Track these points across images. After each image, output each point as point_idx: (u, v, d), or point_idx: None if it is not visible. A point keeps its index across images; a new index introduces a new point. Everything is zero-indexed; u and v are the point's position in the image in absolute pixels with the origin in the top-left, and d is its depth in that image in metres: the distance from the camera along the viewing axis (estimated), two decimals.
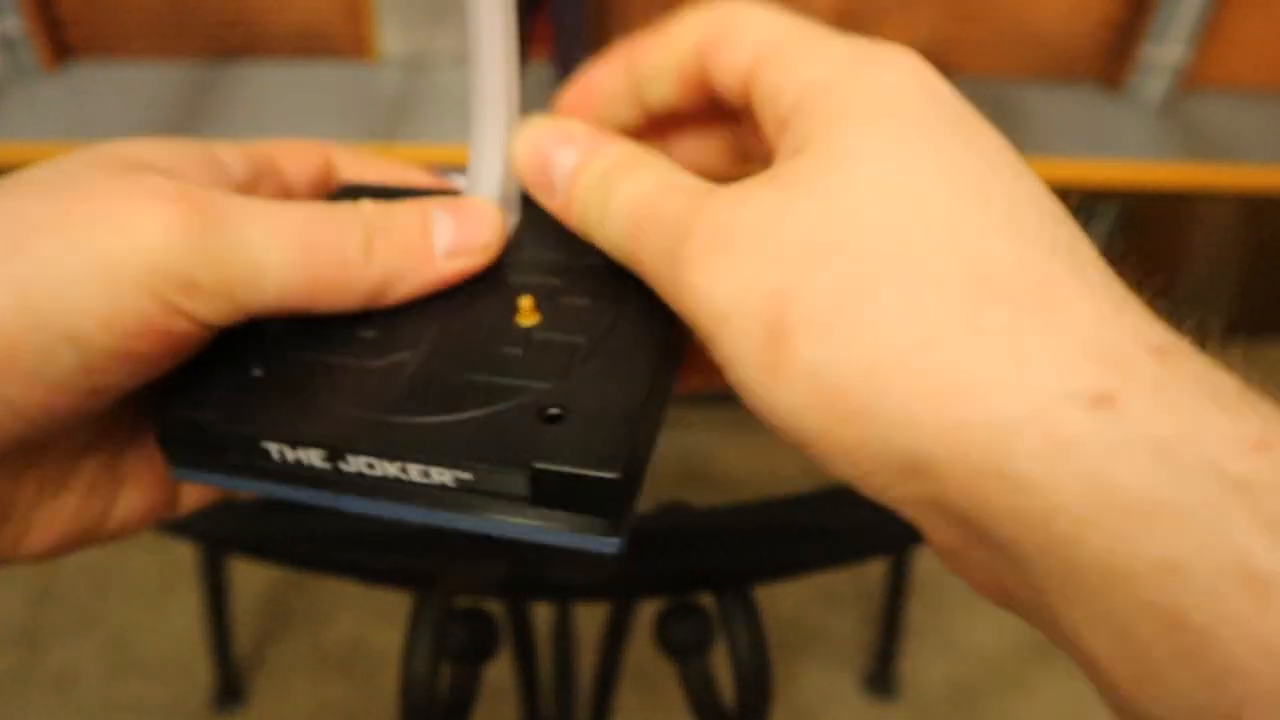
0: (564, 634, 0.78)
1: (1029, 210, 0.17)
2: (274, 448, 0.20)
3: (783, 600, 1.10)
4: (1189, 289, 0.51)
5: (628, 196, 0.20)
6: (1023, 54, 0.74)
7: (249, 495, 0.23)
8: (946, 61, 0.74)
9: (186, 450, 0.21)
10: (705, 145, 0.24)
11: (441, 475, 0.19)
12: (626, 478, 0.19)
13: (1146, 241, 0.60)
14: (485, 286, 0.22)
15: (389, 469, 0.20)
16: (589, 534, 0.19)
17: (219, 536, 0.35)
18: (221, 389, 0.21)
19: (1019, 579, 0.16)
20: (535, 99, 0.21)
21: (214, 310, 0.18)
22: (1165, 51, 0.70)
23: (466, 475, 0.19)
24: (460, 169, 0.57)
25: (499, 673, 0.53)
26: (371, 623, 1.06)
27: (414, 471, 0.19)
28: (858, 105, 0.18)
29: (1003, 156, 0.18)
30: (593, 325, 0.21)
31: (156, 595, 1.07)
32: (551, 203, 0.22)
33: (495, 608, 0.45)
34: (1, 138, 0.59)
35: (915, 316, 0.16)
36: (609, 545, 0.19)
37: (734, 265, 0.17)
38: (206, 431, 0.20)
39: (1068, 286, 0.16)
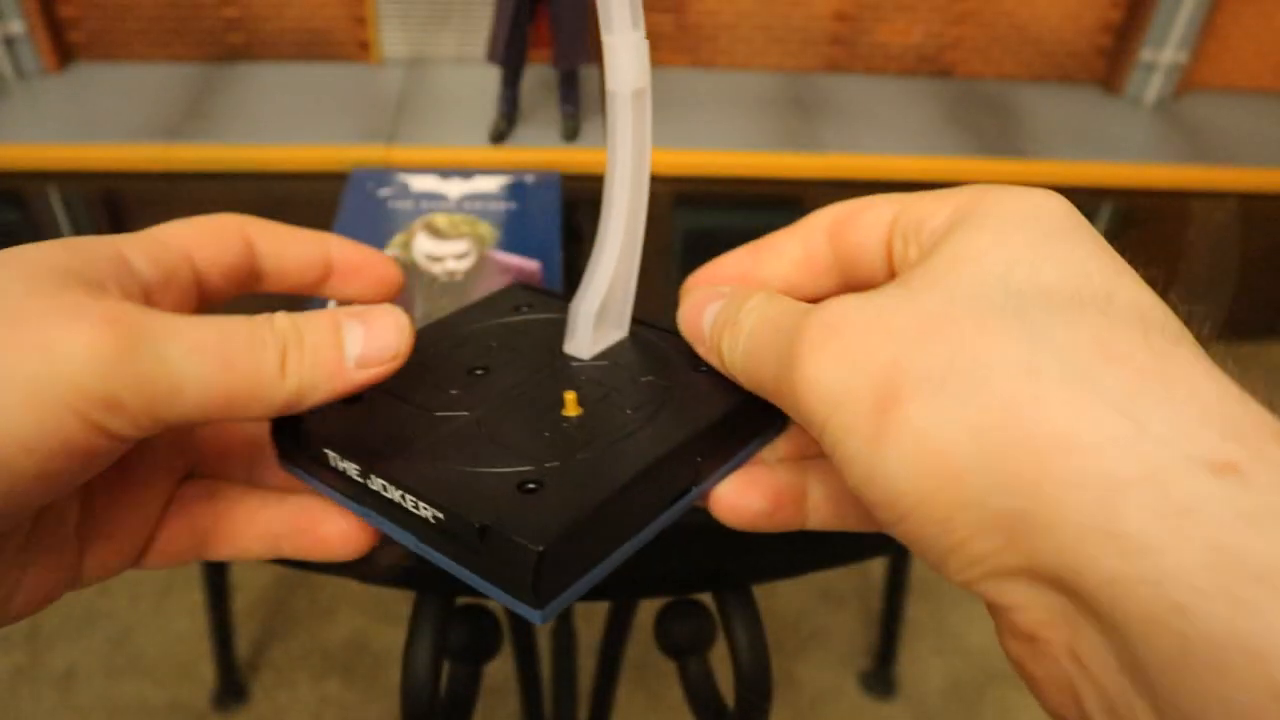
0: (564, 633, 0.78)
1: (1155, 311, 0.17)
2: (331, 455, 0.24)
3: (783, 600, 1.10)
4: (1187, 288, 0.51)
5: (752, 322, 0.22)
6: (1021, 57, 0.75)
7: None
8: (945, 63, 0.74)
9: (285, 446, 0.26)
10: None
11: (425, 510, 0.22)
12: (553, 556, 0.21)
13: (1144, 241, 0.60)
14: (560, 377, 0.26)
15: (394, 494, 0.23)
16: (518, 598, 0.21)
17: None
18: (327, 405, 0.25)
19: (1116, 655, 0.15)
20: (538, 98, 0.22)
21: (134, 426, 0.19)
22: (1162, 55, 0.70)
23: (440, 515, 0.22)
24: (458, 170, 0.57)
25: (499, 672, 0.54)
26: (372, 622, 1.06)
27: (409, 501, 0.23)
28: (992, 217, 0.19)
29: (1130, 272, 0.18)
30: (616, 429, 0.24)
31: (159, 595, 1.07)
32: (701, 349, 0.24)
33: (496, 606, 0.45)
34: (6, 139, 0.59)
35: (1030, 375, 0.16)
36: (534, 615, 0.21)
37: (844, 350, 0.18)
38: (297, 433, 0.25)
39: (1190, 366, 0.16)
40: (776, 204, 0.59)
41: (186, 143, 0.58)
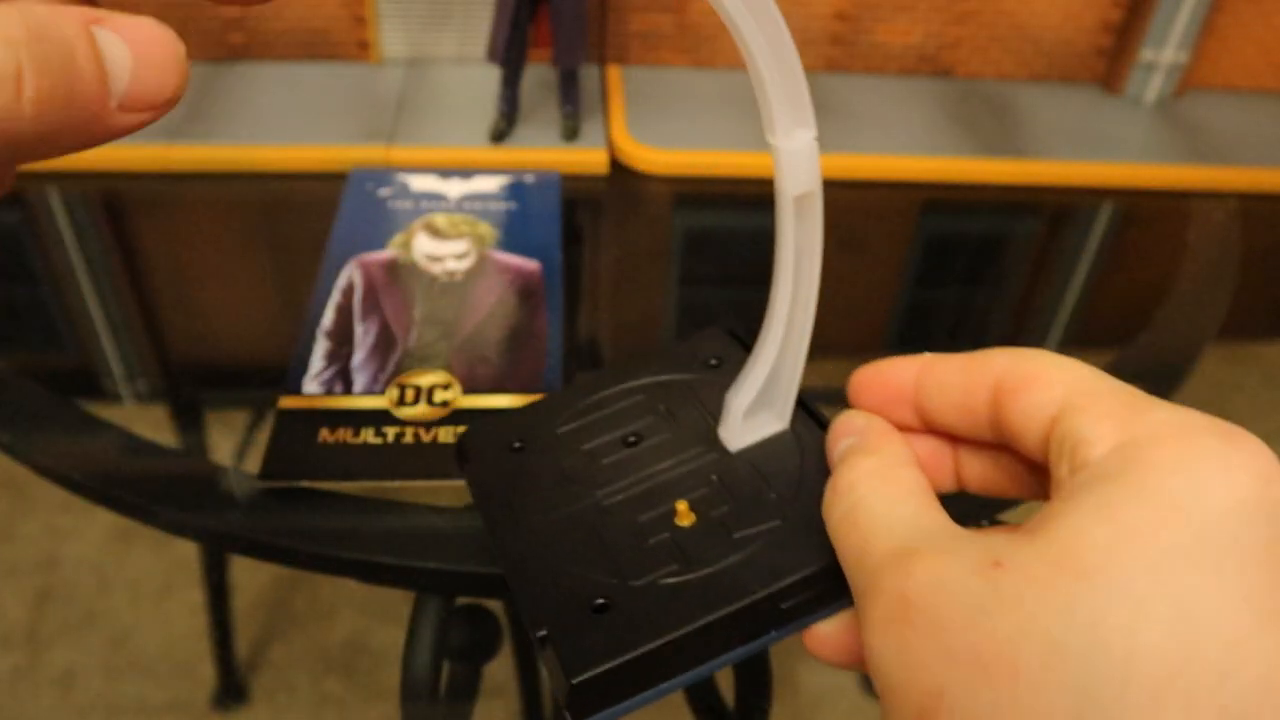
0: None
1: (1273, 701, 0.14)
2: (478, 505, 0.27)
3: None
4: (1188, 288, 0.51)
5: (846, 507, 0.21)
6: (1021, 57, 0.74)
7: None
8: (945, 63, 0.74)
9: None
10: (981, 462, 0.23)
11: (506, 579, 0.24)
12: (588, 687, 0.22)
13: (1144, 241, 0.60)
14: (696, 470, 0.26)
15: (496, 539, 0.25)
16: (562, 701, 0.22)
17: (220, 535, 0.35)
18: (494, 449, 0.28)
19: None
20: (538, 99, 0.22)
21: None
22: (1162, 55, 0.70)
23: (519, 598, 0.24)
24: (458, 170, 0.57)
25: (499, 672, 0.54)
26: (372, 622, 1.06)
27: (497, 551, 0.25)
28: (1134, 500, 0.16)
29: None
30: (714, 556, 0.24)
31: (158, 595, 1.07)
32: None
33: (496, 606, 0.45)
34: None
35: None
36: None
37: (906, 648, 0.17)
38: (469, 474, 0.28)
39: None
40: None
41: (186, 143, 0.58)
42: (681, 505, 0.25)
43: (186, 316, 0.51)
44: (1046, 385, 0.19)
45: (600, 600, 0.23)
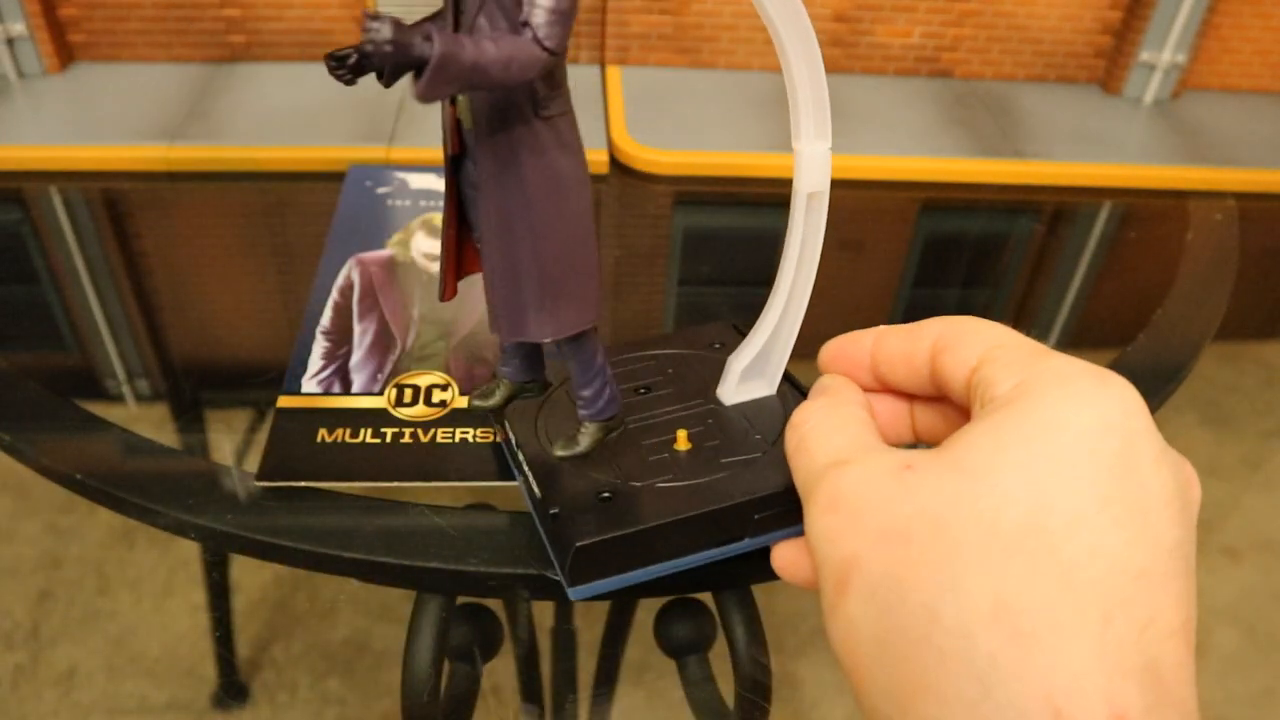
0: (564, 633, 0.78)
1: (1097, 564, 0.18)
2: (506, 425, 0.33)
3: (783, 600, 1.10)
4: (1186, 288, 0.51)
5: (799, 438, 0.25)
6: (1021, 58, 0.75)
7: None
8: (944, 63, 0.74)
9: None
10: (930, 415, 0.28)
11: (535, 488, 0.29)
12: (587, 553, 0.26)
13: (1143, 241, 0.60)
14: (695, 414, 0.31)
15: (525, 469, 0.30)
16: (560, 574, 0.27)
17: (220, 535, 0.35)
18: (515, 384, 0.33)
19: None
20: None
21: None
22: (1161, 55, 0.70)
23: (538, 494, 0.29)
24: None
25: (500, 672, 0.54)
26: (373, 621, 1.06)
27: (531, 477, 0.30)
28: (1022, 423, 0.20)
29: (1118, 505, 0.19)
30: (705, 471, 0.28)
31: (160, 595, 1.07)
32: None
33: (497, 605, 0.46)
34: (7, 140, 0.59)
35: (930, 617, 0.19)
36: (568, 591, 0.27)
37: (833, 528, 0.22)
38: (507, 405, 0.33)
39: (1071, 629, 0.18)
40: (776, 204, 0.60)
41: (186, 143, 0.58)
42: (681, 433, 0.30)
43: (186, 316, 0.51)
44: (970, 343, 0.24)
45: (605, 494, 0.28)
